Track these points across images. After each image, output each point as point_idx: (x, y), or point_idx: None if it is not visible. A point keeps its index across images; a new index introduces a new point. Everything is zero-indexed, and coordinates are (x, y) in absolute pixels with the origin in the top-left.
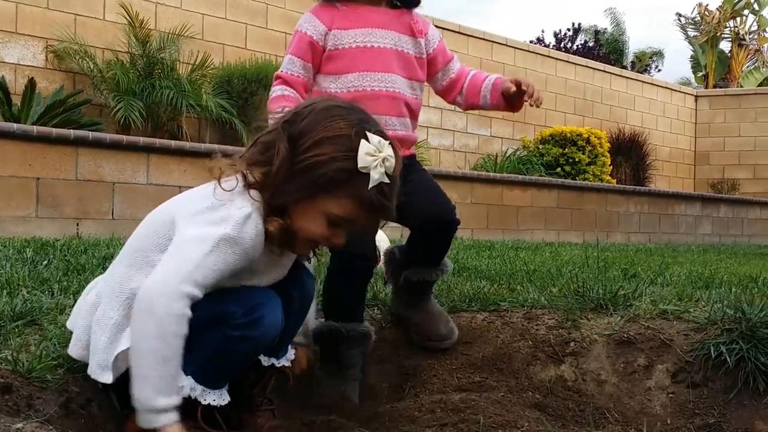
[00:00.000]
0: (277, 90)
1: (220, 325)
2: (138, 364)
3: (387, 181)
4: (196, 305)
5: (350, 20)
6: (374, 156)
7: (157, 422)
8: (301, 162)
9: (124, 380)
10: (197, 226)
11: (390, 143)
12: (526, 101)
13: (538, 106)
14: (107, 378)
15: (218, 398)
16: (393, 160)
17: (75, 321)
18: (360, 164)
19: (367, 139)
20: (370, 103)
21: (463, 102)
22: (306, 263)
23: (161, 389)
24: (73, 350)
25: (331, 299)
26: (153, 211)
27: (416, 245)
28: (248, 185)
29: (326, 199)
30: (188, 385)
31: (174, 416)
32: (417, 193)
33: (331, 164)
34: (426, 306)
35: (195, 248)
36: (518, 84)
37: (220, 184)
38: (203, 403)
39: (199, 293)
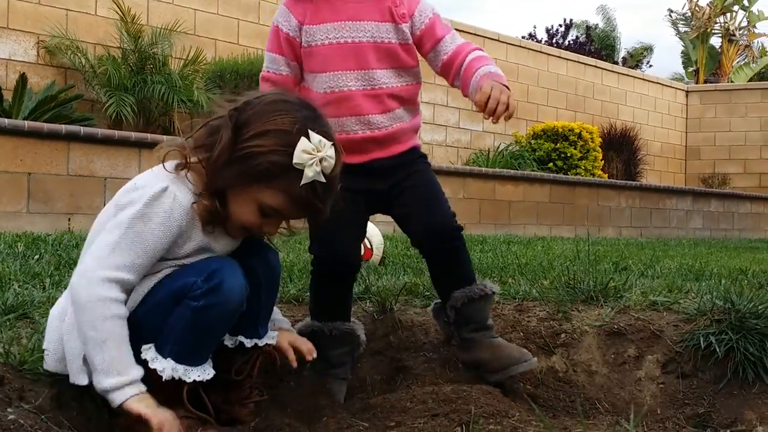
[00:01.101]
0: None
1: (183, 299)
2: (87, 353)
3: (322, 180)
4: (158, 287)
5: (323, 13)
6: (311, 154)
7: (116, 401)
8: (240, 150)
9: None
10: (115, 207)
11: (333, 145)
12: (486, 118)
13: (507, 119)
14: (83, 380)
15: (202, 373)
16: (332, 161)
17: (47, 335)
18: (295, 160)
19: (308, 137)
20: (347, 104)
21: (461, 91)
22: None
23: (106, 371)
24: (49, 364)
25: (314, 299)
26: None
27: (430, 264)
28: (182, 165)
29: (260, 189)
30: (169, 366)
31: (129, 391)
32: (413, 204)
33: (268, 156)
34: (491, 342)
35: (110, 233)
36: (482, 104)
37: (163, 164)
38: (188, 381)
39: (125, 275)
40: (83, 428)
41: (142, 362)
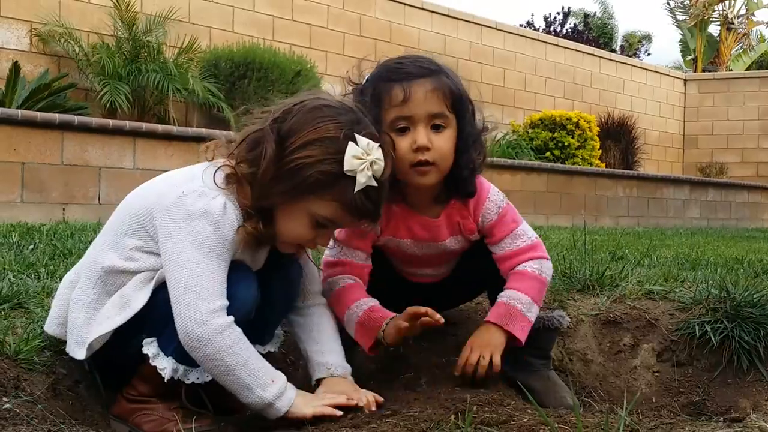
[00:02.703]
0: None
1: None
2: (230, 384)
3: (374, 184)
4: (166, 285)
5: (399, 230)
6: (361, 159)
7: (281, 409)
8: (287, 163)
9: (107, 361)
10: (180, 227)
11: (380, 146)
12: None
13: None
14: (81, 354)
15: (201, 375)
16: (381, 164)
17: (55, 298)
18: (346, 167)
19: (356, 142)
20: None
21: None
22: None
23: (262, 384)
24: (49, 327)
25: None
26: (133, 193)
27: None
28: (228, 176)
29: (312, 201)
30: (170, 366)
31: (290, 394)
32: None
33: (317, 166)
34: (547, 374)
35: (193, 261)
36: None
37: (214, 178)
38: (187, 382)
39: (222, 299)
40: (79, 417)
41: (143, 356)
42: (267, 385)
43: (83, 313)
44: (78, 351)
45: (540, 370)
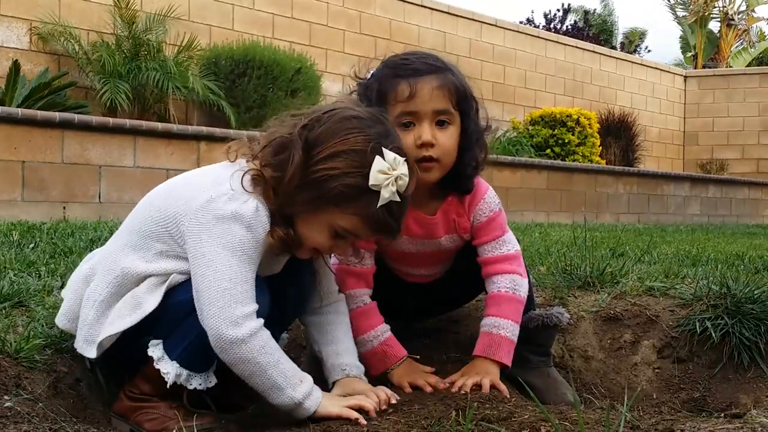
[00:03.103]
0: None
1: None
2: (260, 384)
3: (397, 199)
4: (179, 289)
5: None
6: (387, 174)
7: (310, 408)
8: (312, 173)
9: (110, 358)
10: (210, 230)
11: (406, 160)
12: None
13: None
14: (91, 353)
15: (204, 381)
16: (407, 179)
17: (67, 291)
18: (371, 182)
19: (383, 156)
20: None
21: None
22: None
23: (292, 384)
24: (60, 320)
25: None
26: (155, 194)
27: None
28: (257, 180)
29: (334, 212)
30: (173, 371)
31: (317, 394)
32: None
33: (342, 179)
34: (548, 371)
35: (225, 265)
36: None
37: (242, 181)
38: (189, 388)
39: (254, 302)
40: (80, 415)
41: (148, 358)
42: (296, 385)
43: (94, 310)
44: (88, 349)
45: (540, 367)
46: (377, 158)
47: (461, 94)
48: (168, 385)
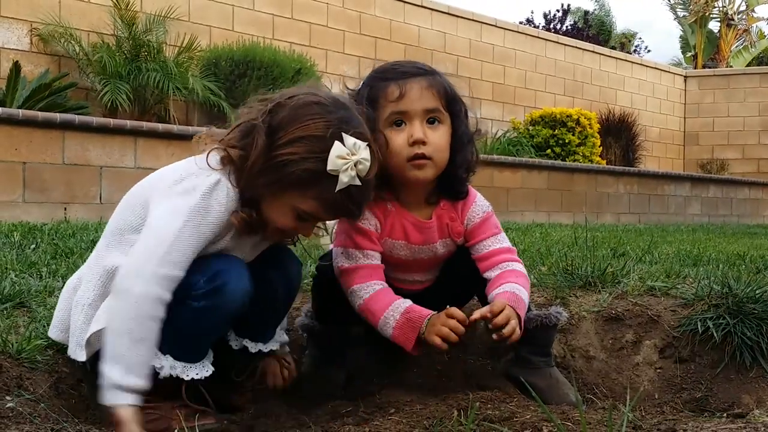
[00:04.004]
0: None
1: (185, 298)
2: (111, 343)
3: (358, 183)
4: None
5: (395, 230)
6: (346, 159)
7: (121, 400)
8: (274, 158)
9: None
10: (167, 201)
11: (368, 146)
12: (491, 331)
13: (508, 343)
14: (82, 356)
15: (200, 371)
16: (367, 164)
17: (58, 303)
18: (329, 167)
19: (342, 141)
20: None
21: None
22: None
23: (133, 369)
24: (52, 332)
25: (316, 303)
26: (130, 190)
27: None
28: (227, 161)
29: (295, 196)
30: (168, 364)
31: (137, 399)
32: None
33: (301, 164)
34: (549, 371)
35: (167, 226)
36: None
37: (207, 159)
38: (186, 379)
39: (179, 272)
40: (81, 416)
41: None
42: (131, 372)
43: (83, 315)
44: (79, 353)
45: (542, 367)
46: (336, 143)
47: (450, 96)
48: (160, 377)
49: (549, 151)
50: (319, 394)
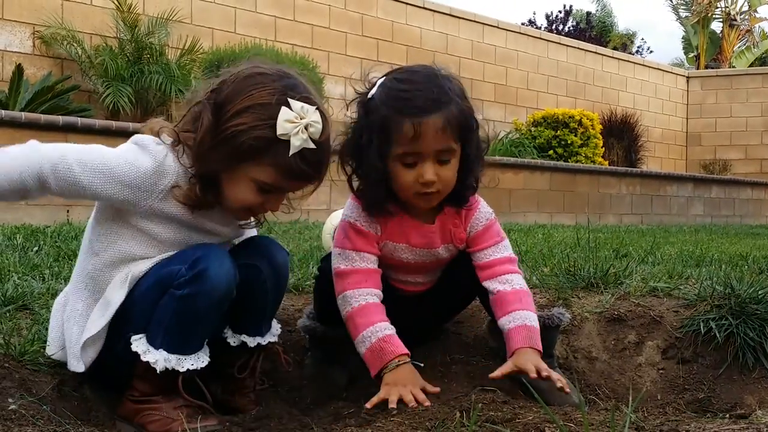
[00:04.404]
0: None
1: (168, 288)
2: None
3: (311, 146)
4: (142, 280)
5: (395, 233)
6: (294, 123)
7: None
8: (222, 131)
9: (108, 372)
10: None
11: (317, 109)
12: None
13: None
14: (80, 367)
15: (196, 362)
16: (319, 126)
17: (50, 321)
18: (279, 131)
19: (289, 106)
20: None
21: (491, 306)
22: (254, 229)
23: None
24: (50, 350)
25: (319, 304)
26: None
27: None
28: (176, 142)
29: (251, 167)
30: (162, 358)
31: None
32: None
33: (250, 132)
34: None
35: (101, 148)
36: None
37: (159, 136)
38: (182, 371)
39: (71, 175)
40: (84, 418)
41: (133, 354)
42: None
43: (77, 326)
44: (76, 365)
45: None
46: (283, 108)
47: (463, 126)
48: (157, 371)
49: (551, 152)
50: (322, 395)
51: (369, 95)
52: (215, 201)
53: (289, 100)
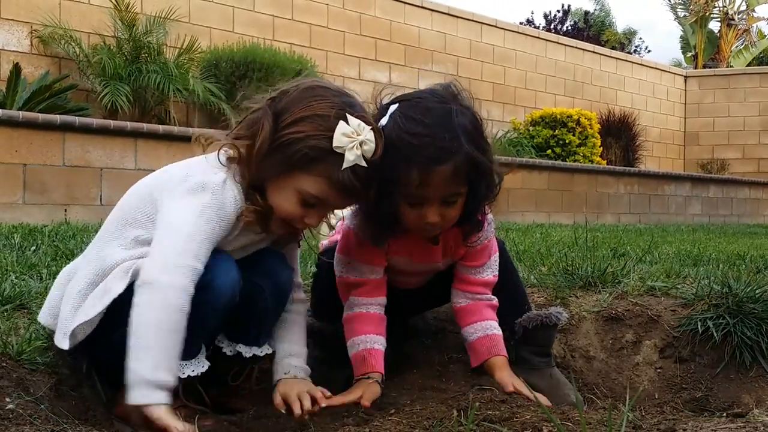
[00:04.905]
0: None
1: None
2: (138, 336)
3: (363, 164)
4: None
5: (401, 250)
6: (351, 138)
7: (151, 398)
8: (280, 138)
9: (106, 365)
10: (179, 199)
11: (372, 129)
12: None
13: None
14: (65, 344)
15: (197, 367)
16: (372, 145)
17: (52, 289)
18: (335, 144)
19: (347, 121)
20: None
21: (454, 308)
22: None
23: (161, 363)
24: (42, 317)
25: (317, 301)
26: (134, 186)
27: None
28: (229, 158)
29: (301, 176)
30: None
31: (167, 397)
32: None
33: (307, 141)
34: (550, 372)
35: (185, 221)
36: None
37: (218, 156)
38: (183, 376)
39: (199, 265)
40: (82, 417)
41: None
42: (160, 367)
43: (71, 303)
44: (63, 341)
45: (542, 367)
46: (341, 122)
47: (474, 170)
48: None
49: (549, 151)
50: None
51: (379, 123)
52: (272, 210)
53: (348, 115)
